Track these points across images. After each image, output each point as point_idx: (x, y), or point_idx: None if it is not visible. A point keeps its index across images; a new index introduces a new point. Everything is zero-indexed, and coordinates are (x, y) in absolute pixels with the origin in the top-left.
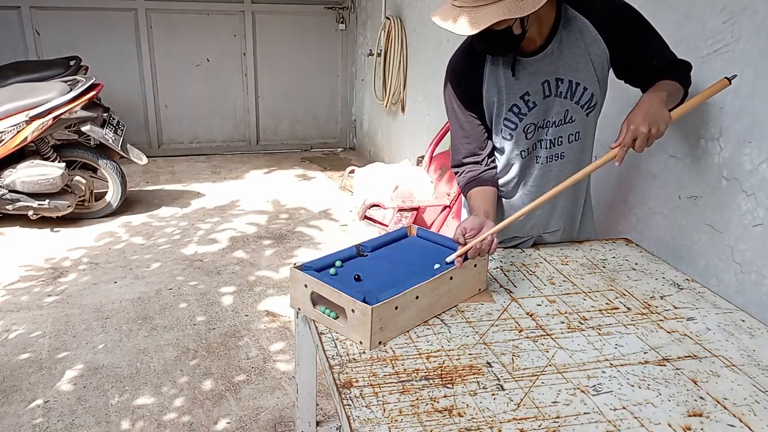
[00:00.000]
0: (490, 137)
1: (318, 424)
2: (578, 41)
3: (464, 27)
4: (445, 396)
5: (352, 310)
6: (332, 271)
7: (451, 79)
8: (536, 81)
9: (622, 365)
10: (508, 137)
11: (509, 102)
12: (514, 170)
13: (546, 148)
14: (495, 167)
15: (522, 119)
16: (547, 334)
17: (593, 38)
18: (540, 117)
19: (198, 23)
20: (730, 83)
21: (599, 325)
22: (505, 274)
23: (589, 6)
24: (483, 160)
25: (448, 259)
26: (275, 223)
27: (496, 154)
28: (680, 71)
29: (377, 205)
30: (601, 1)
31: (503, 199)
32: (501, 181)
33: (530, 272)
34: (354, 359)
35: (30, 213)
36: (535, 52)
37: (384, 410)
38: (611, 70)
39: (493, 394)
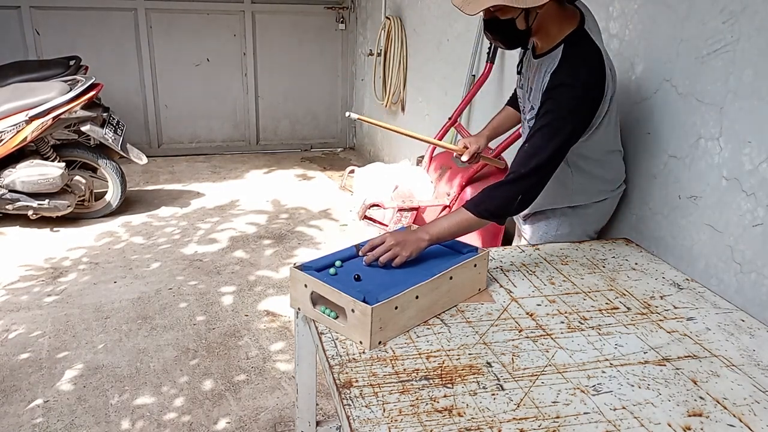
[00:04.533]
0: None
1: (318, 424)
2: (546, 74)
3: (468, 7)
4: (445, 396)
5: (352, 310)
6: (332, 271)
7: None
8: (527, 76)
9: (622, 365)
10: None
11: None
12: None
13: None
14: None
15: (518, 90)
16: (547, 334)
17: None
18: (521, 99)
19: (198, 23)
20: None
21: (599, 325)
22: (505, 274)
23: (567, 61)
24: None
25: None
26: (275, 222)
27: None
28: (499, 197)
29: (377, 205)
30: (567, 69)
31: None
32: None
33: (530, 272)
34: (354, 359)
35: (30, 213)
36: (537, 56)
37: (384, 410)
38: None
39: (493, 394)
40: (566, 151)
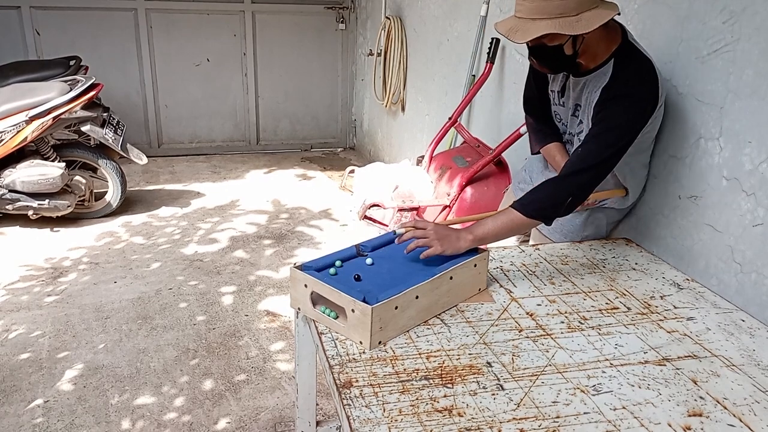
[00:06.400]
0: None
1: (318, 424)
2: (595, 91)
3: (516, 35)
4: (445, 396)
5: (352, 310)
6: (332, 271)
7: None
8: (569, 95)
9: (622, 365)
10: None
11: (551, 87)
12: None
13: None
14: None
15: (553, 106)
16: (547, 334)
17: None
18: (562, 116)
19: (198, 23)
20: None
21: (599, 325)
22: (505, 274)
23: (622, 75)
24: (537, 111)
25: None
26: (275, 222)
27: None
28: (550, 198)
29: (377, 205)
30: (623, 82)
31: None
32: None
33: (530, 272)
34: (354, 359)
35: (30, 213)
36: (581, 74)
37: (384, 410)
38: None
39: (493, 394)
40: (619, 158)
